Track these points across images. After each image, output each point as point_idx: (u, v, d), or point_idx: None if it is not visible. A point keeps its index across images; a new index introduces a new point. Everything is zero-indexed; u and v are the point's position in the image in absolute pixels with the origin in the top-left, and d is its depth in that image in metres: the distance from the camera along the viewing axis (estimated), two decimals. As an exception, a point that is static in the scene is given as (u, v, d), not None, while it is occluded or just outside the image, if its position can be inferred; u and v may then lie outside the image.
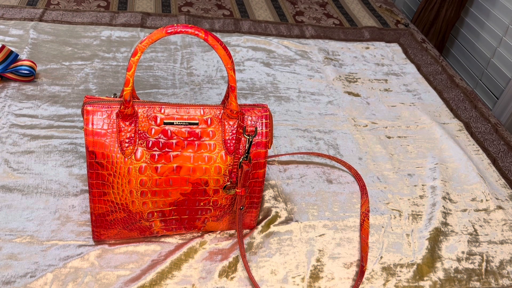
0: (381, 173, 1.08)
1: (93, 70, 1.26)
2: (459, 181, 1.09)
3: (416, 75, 1.50)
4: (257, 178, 0.79)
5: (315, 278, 0.83)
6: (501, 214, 1.01)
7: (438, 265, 0.89)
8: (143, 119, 0.72)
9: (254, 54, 1.46)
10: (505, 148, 1.24)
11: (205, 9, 1.72)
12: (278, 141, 1.13)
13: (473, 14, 2.07)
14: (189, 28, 0.66)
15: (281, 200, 0.96)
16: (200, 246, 0.84)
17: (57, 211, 0.86)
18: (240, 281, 0.80)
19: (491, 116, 1.36)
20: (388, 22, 1.85)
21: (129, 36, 1.43)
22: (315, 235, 0.90)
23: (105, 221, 0.77)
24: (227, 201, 0.80)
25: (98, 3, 1.62)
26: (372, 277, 0.85)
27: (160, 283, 0.77)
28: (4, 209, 0.85)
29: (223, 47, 0.69)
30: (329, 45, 1.58)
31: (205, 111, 0.74)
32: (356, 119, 1.25)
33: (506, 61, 1.84)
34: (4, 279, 0.74)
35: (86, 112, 0.70)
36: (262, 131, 0.77)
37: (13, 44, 1.30)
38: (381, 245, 0.91)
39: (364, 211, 0.96)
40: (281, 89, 1.32)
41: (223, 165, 0.76)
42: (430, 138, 1.22)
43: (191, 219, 0.81)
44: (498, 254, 0.93)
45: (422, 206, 1.01)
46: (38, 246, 0.80)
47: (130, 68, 0.67)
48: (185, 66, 1.35)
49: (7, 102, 1.09)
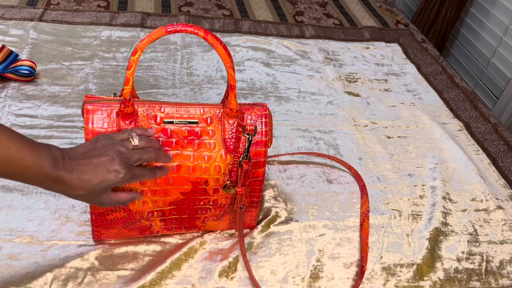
0: (381, 173, 1.08)
1: (93, 70, 1.26)
2: (459, 181, 1.09)
3: (416, 75, 1.50)
4: (257, 177, 0.79)
5: (315, 278, 0.83)
6: (501, 214, 1.01)
7: (438, 265, 0.89)
8: (143, 118, 0.72)
9: (254, 54, 1.46)
10: (505, 148, 1.24)
11: (205, 9, 1.72)
12: (278, 141, 1.13)
13: (473, 14, 2.07)
14: (188, 27, 0.66)
15: (281, 200, 0.96)
16: (200, 246, 0.84)
17: (57, 211, 0.86)
18: (240, 281, 0.80)
19: (491, 116, 1.36)
20: (388, 22, 1.85)
21: (129, 36, 1.43)
22: (315, 235, 0.90)
23: (105, 221, 0.77)
24: (227, 200, 0.80)
25: (98, 3, 1.62)
26: (372, 277, 0.85)
27: (160, 283, 0.77)
28: (4, 209, 0.85)
29: (223, 46, 0.69)
30: (329, 45, 1.58)
31: (205, 110, 0.74)
32: (356, 119, 1.25)
33: (506, 61, 1.84)
34: (4, 279, 0.74)
35: (86, 111, 0.70)
36: (262, 130, 0.77)
37: (13, 44, 1.30)
38: (381, 245, 0.91)
39: (364, 211, 0.96)
40: (281, 89, 1.32)
41: (222, 164, 0.76)
42: (430, 138, 1.22)
43: (191, 219, 0.81)
44: (498, 254, 0.93)
45: (422, 206, 1.01)
46: (38, 246, 0.80)
47: (130, 67, 0.67)
48: (185, 66, 1.35)
49: (7, 102, 1.09)
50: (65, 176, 0.60)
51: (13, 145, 0.54)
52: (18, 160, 0.54)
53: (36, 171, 0.56)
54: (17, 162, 0.54)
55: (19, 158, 0.54)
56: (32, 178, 0.57)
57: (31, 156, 0.56)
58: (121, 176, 0.64)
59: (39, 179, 0.58)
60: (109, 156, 0.64)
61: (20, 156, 0.54)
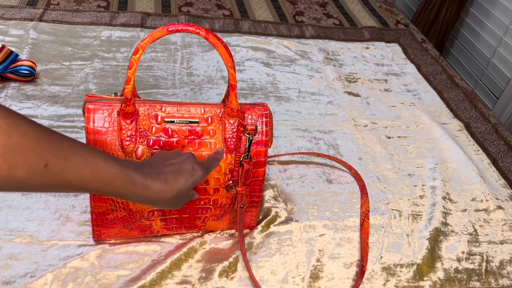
0: (381, 173, 1.08)
1: (93, 70, 1.26)
2: (459, 181, 1.09)
3: (416, 75, 1.50)
4: (257, 177, 0.79)
5: (315, 278, 0.83)
6: (501, 214, 1.01)
7: (438, 265, 0.89)
8: (144, 118, 0.72)
9: (254, 54, 1.46)
10: (505, 148, 1.24)
11: (205, 9, 1.72)
12: (278, 141, 1.12)
13: (473, 14, 2.07)
14: (190, 26, 0.66)
15: (281, 200, 0.95)
16: (200, 246, 0.84)
17: (57, 211, 0.86)
18: (240, 281, 0.80)
19: (491, 116, 1.36)
20: (388, 22, 1.86)
21: (129, 36, 1.43)
22: (315, 235, 0.90)
23: (105, 220, 0.77)
24: (227, 200, 0.80)
25: (98, 3, 1.62)
26: (372, 277, 0.85)
27: (160, 283, 0.77)
28: (4, 209, 0.85)
29: (224, 46, 0.69)
30: (329, 45, 1.58)
31: (206, 110, 0.74)
32: (356, 119, 1.25)
33: (506, 61, 1.84)
34: (4, 279, 0.74)
35: (87, 110, 0.70)
36: (262, 129, 0.77)
37: (13, 44, 1.30)
38: (381, 245, 0.91)
39: (364, 211, 0.96)
40: (281, 89, 1.32)
41: (223, 164, 0.76)
42: (430, 138, 1.22)
43: (191, 218, 0.80)
44: (498, 254, 0.93)
45: (422, 206, 1.01)
46: (38, 246, 0.80)
47: (131, 66, 0.67)
48: (185, 66, 1.35)
49: (7, 102, 1.09)
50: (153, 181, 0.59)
51: (96, 155, 0.53)
52: (105, 168, 0.53)
53: (124, 178, 0.55)
54: (105, 170, 0.53)
55: (106, 166, 0.53)
56: (123, 186, 0.56)
57: (115, 163, 0.55)
58: (201, 173, 0.66)
59: (129, 187, 0.56)
60: (184, 156, 0.66)
61: (105, 164, 0.53)
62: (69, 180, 0.50)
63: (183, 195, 0.65)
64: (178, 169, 0.64)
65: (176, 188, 0.62)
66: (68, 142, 0.51)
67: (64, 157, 0.49)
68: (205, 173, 0.67)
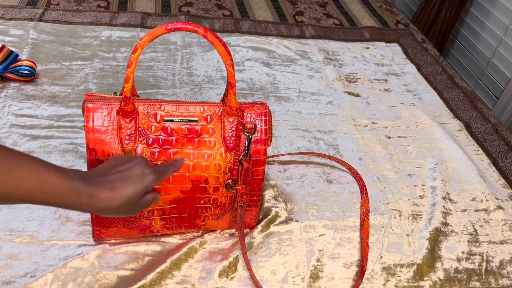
0: (381, 173, 1.08)
1: (93, 70, 1.26)
2: (459, 181, 1.09)
3: (416, 75, 1.50)
4: (257, 175, 0.79)
5: (315, 278, 0.83)
6: (501, 214, 1.01)
7: (438, 265, 0.89)
8: (143, 116, 0.72)
9: (254, 54, 1.46)
10: (505, 148, 1.24)
11: (205, 9, 1.72)
12: (278, 141, 1.12)
13: (473, 14, 2.07)
14: (188, 24, 0.66)
15: (281, 200, 0.95)
16: (200, 246, 0.84)
17: (57, 211, 0.86)
18: (240, 281, 0.80)
19: (491, 116, 1.36)
20: (388, 22, 1.85)
21: (129, 36, 1.43)
22: (315, 235, 0.90)
23: (105, 220, 0.77)
24: (227, 199, 0.80)
25: (98, 3, 1.62)
26: (372, 277, 0.85)
27: (160, 283, 0.77)
28: (4, 209, 0.85)
29: (223, 44, 0.69)
30: (329, 45, 1.58)
31: (205, 108, 0.74)
32: (356, 119, 1.25)
33: (506, 61, 1.84)
34: (4, 279, 0.74)
35: (86, 109, 0.70)
36: (262, 128, 0.77)
37: (13, 44, 1.30)
38: (381, 245, 0.91)
39: (364, 211, 0.96)
40: (281, 89, 1.32)
41: (222, 162, 0.76)
42: (430, 138, 1.22)
43: (191, 217, 0.80)
44: (498, 254, 0.93)
45: (422, 206, 1.01)
46: (38, 246, 0.80)
47: (130, 65, 0.67)
48: (185, 66, 1.35)
49: (7, 102, 1.09)
50: (99, 190, 0.58)
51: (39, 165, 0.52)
52: (48, 179, 0.53)
53: (69, 188, 0.55)
54: (48, 180, 0.53)
55: (49, 177, 0.53)
56: (68, 196, 0.55)
57: (59, 173, 0.54)
58: (152, 178, 0.64)
59: (75, 197, 0.56)
60: (134, 161, 0.64)
61: (49, 175, 0.53)
62: (10, 193, 0.50)
63: (135, 201, 0.63)
64: (126, 176, 0.61)
65: (125, 195, 0.60)
66: (10, 154, 0.51)
67: (5, 169, 0.49)
68: (158, 178, 0.65)
